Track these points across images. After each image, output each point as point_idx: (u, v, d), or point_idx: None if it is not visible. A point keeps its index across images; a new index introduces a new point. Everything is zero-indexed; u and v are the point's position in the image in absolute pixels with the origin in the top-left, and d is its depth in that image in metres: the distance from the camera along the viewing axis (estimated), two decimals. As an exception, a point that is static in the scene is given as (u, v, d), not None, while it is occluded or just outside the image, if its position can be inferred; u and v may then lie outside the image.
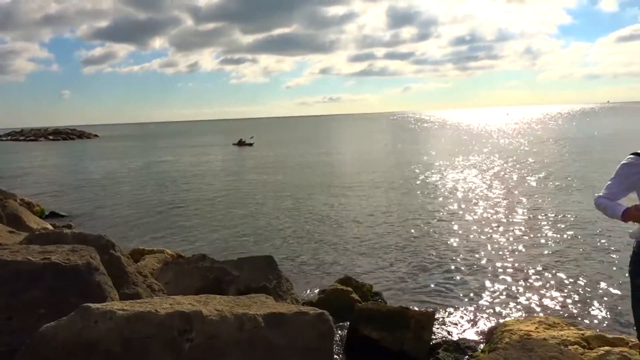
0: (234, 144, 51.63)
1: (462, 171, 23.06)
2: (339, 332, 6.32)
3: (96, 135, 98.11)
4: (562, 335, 4.96)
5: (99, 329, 3.09)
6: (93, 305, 3.24)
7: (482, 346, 5.66)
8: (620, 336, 4.95)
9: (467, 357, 5.46)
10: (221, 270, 5.95)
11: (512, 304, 7.30)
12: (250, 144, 50.24)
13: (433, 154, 32.40)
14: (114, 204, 17.63)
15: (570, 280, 8.15)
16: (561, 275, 8.39)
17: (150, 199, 18.48)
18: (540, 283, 8.09)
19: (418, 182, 19.89)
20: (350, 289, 7.06)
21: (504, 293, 7.73)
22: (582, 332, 5.04)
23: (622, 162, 2.85)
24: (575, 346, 4.74)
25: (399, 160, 28.88)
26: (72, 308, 3.32)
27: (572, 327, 5.28)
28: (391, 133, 71.72)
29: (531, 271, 8.65)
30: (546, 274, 8.47)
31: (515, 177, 20.52)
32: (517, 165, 24.48)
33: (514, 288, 7.91)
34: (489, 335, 5.56)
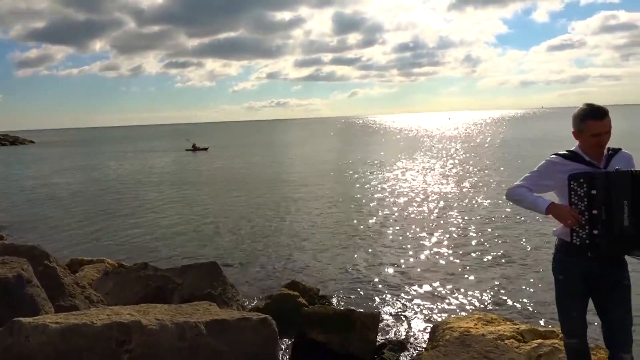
0: (187, 150, 50.21)
1: (404, 174, 23.70)
2: (286, 337, 6.33)
3: (32, 142, 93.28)
4: (499, 331, 5.18)
5: (30, 344, 2.95)
6: (24, 320, 3.08)
7: (425, 344, 5.81)
8: (552, 329, 5.22)
9: (410, 355, 5.59)
10: (164, 279, 5.81)
11: (453, 303, 7.55)
12: (205, 149, 49.22)
13: (377, 158, 33.02)
14: (50, 213, 16.81)
15: (507, 278, 8.53)
16: (499, 273, 8.77)
17: (90, 207, 17.76)
18: (479, 281, 8.41)
19: (362, 186, 20.21)
20: (297, 293, 7.07)
21: (446, 292, 7.98)
22: (517, 326, 5.27)
23: (547, 159, 2.98)
24: (511, 340, 4.96)
25: (344, 165, 29.23)
26: (1, 323, 3.15)
27: (508, 322, 5.52)
28: (338, 137, 72.51)
29: (471, 270, 8.99)
30: (486, 273, 8.82)
31: (453, 178, 21.32)
32: (455, 167, 25.52)
33: (455, 287, 8.18)
34: (432, 333, 5.72)
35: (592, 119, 2.77)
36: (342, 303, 7.55)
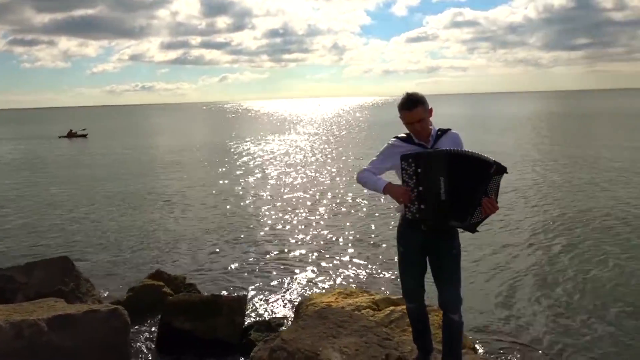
0: (62, 137, 43.82)
1: (269, 159, 24.04)
2: (151, 328, 6.13)
3: None
4: (357, 302, 5.55)
5: None
6: None
7: (291, 321, 6.02)
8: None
9: (274, 333, 5.75)
10: (4, 279, 5.25)
11: (318, 280, 7.90)
12: (84, 136, 43.56)
13: (248, 143, 32.91)
14: None
15: (365, 253, 9.13)
16: (358, 249, 9.35)
17: None
18: (340, 258, 8.89)
19: (227, 173, 20.05)
20: (161, 283, 6.86)
21: (310, 271, 8.32)
22: (372, 296, 5.69)
23: (388, 143, 3.26)
24: (367, 309, 5.35)
25: (213, 151, 28.71)
26: None
27: (365, 294, 5.93)
28: (208, 123, 70.74)
29: (332, 248, 9.48)
30: (346, 250, 9.37)
31: (316, 162, 22.20)
32: (319, 151, 26.55)
33: (318, 265, 8.57)
34: (297, 310, 5.94)
35: (403, 110, 3.10)
36: (210, 289, 7.48)
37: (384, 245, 9.50)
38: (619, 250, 8.73)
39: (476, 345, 5.17)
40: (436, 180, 2.92)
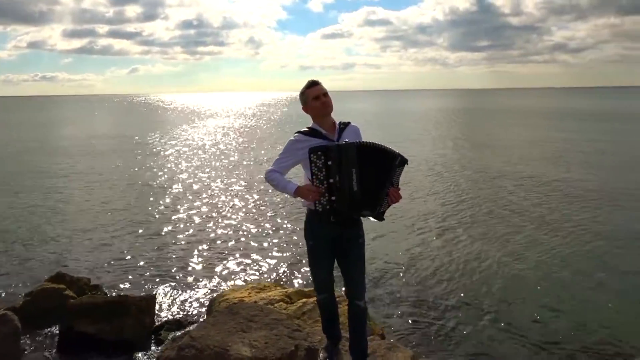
0: None
1: (183, 153, 23.35)
2: (52, 333, 5.77)
3: None
4: (270, 296, 5.60)
5: None
6: None
7: (203, 319, 5.93)
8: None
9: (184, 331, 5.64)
10: None
11: (231, 276, 7.84)
12: None
13: (158, 136, 31.66)
14: None
15: (277, 247, 9.22)
16: (269, 244, 9.39)
17: None
18: (253, 253, 8.87)
19: (136, 165, 19.28)
20: (63, 286, 6.45)
21: (223, 267, 8.24)
22: (285, 290, 5.76)
23: (290, 139, 3.30)
24: (280, 303, 5.42)
25: (120, 144, 27.38)
26: None
27: (278, 288, 5.98)
28: (117, 116, 67.23)
29: (245, 244, 9.44)
30: (258, 245, 9.35)
31: (229, 156, 21.92)
32: (234, 145, 26.26)
33: (231, 261, 8.49)
34: (209, 307, 5.87)
35: (308, 88, 3.26)
36: (117, 290, 7.17)
37: (295, 238, 9.61)
38: (506, 232, 9.52)
39: (384, 332, 5.40)
40: (348, 172, 3.02)
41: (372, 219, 3.23)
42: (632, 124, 38.88)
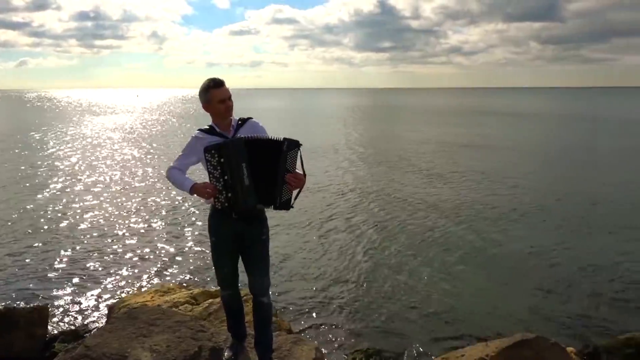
0: None
1: (78, 152, 21.95)
2: None
3: None
4: (174, 299, 5.45)
5: None
6: None
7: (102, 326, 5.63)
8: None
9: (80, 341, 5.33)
10: None
11: (133, 280, 7.51)
12: None
13: (50, 134, 29.43)
14: None
15: (179, 247, 8.99)
16: (171, 245, 9.12)
17: None
18: (156, 256, 8.59)
19: (24, 166, 17.82)
20: (-63, 301, 5.82)
21: (125, 270, 7.87)
22: (191, 291, 5.64)
23: (192, 136, 3.26)
24: (185, 305, 5.29)
25: (2, 145, 25.13)
26: None
27: (184, 290, 5.85)
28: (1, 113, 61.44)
29: (146, 246, 9.09)
30: (160, 246, 9.08)
31: (128, 155, 21.06)
32: (133, 144, 25.15)
33: (132, 264, 8.14)
34: (109, 315, 5.59)
35: (214, 88, 3.16)
36: (5, 303, 6.58)
37: (200, 237, 9.43)
38: (408, 227, 10.05)
39: (291, 327, 5.47)
40: (239, 167, 3.03)
41: (278, 210, 3.21)
42: (513, 118, 43.27)
